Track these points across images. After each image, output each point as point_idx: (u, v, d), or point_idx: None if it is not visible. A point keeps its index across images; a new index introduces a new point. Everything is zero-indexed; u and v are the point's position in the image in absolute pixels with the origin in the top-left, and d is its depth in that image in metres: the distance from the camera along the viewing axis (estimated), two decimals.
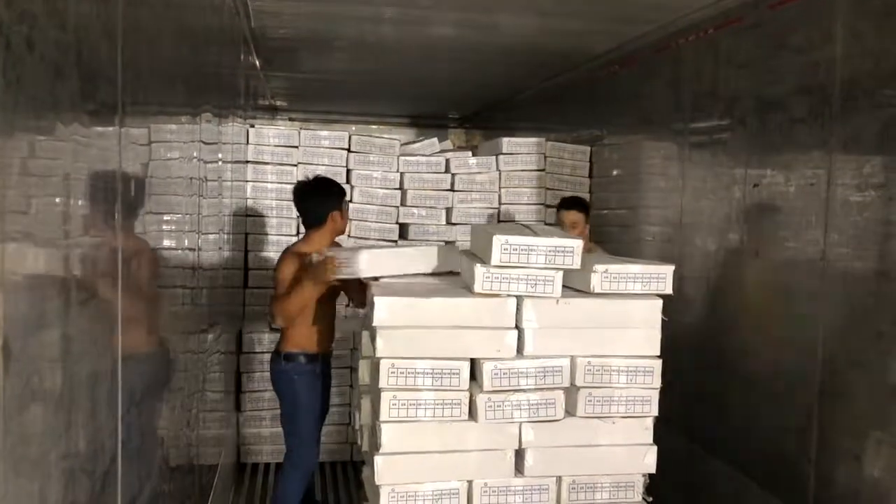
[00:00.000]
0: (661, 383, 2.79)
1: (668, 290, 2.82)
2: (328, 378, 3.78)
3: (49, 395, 1.16)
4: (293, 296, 3.38)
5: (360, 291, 3.39)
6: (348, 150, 5.04)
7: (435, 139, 5.47)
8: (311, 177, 3.85)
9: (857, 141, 2.85)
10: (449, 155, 5.19)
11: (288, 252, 3.62)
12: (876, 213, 2.74)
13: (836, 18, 2.94)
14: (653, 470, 2.82)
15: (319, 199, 3.60)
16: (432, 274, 3.13)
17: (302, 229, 4.74)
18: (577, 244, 2.70)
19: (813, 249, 3.06)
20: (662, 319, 2.80)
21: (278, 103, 8.44)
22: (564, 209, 4.28)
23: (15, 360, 0.97)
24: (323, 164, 4.98)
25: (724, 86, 3.75)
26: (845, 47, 2.89)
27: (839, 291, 2.91)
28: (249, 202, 4.88)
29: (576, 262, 2.69)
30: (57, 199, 1.20)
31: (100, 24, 1.36)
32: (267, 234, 4.91)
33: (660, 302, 2.80)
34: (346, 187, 4.95)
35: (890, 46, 2.68)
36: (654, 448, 2.80)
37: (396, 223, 5.05)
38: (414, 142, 5.79)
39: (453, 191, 5.06)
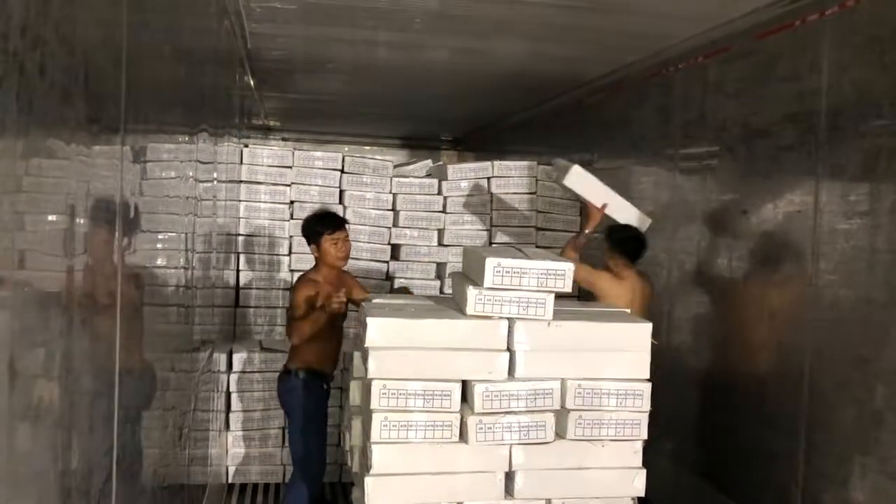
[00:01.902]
0: (651, 407, 2.81)
1: None
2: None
3: (48, 412, 1.17)
4: (309, 320, 3.62)
5: None
6: (341, 170, 5.07)
7: (429, 161, 5.51)
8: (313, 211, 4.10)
9: (843, 169, 2.90)
10: (446, 176, 5.22)
11: (304, 279, 3.82)
12: (862, 241, 2.79)
13: (822, 49, 3.00)
14: (642, 493, 2.84)
15: (305, 235, 3.88)
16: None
17: (295, 249, 4.82)
18: (569, 267, 2.73)
19: (800, 276, 3.10)
20: (652, 343, 2.83)
21: (272, 123, 8.49)
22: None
23: (19, 378, 0.99)
24: (316, 185, 5.00)
25: (713, 113, 3.81)
26: (831, 77, 2.96)
27: (826, 317, 2.95)
28: (242, 221, 4.89)
29: (567, 286, 2.72)
30: (61, 218, 1.22)
31: (105, 49, 1.39)
32: (259, 254, 4.92)
33: (649, 325, 2.83)
34: (339, 208, 5.01)
35: (873, 77, 2.74)
36: (644, 471, 2.81)
37: (388, 244, 5.07)
38: (408, 163, 5.82)
39: (445, 212, 5.09)
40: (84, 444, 1.35)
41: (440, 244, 5.08)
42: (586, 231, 3.98)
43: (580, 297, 5.01)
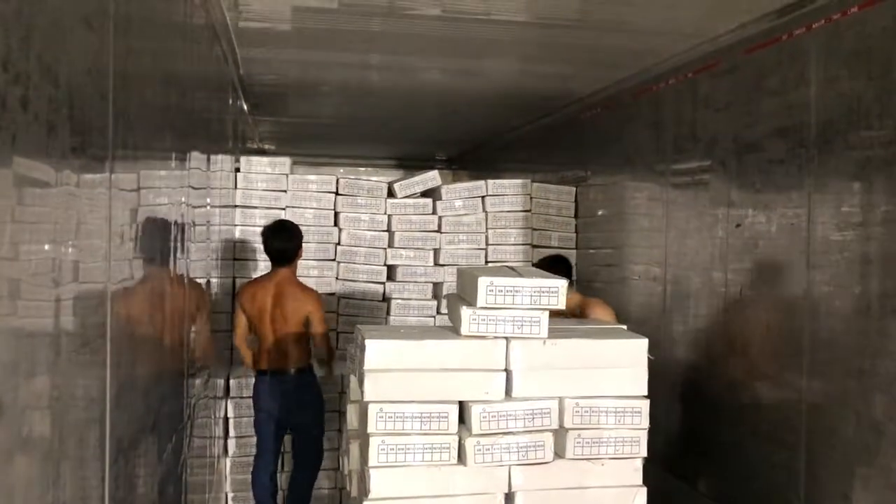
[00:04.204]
0: (649, 423, 2.80)
1: None
2: None
3: (38, 444, 1.16)
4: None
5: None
6: (336, 192, 5.08)
7: (436, 172, 5.43)
8: (274, 221, 4.46)
9: (834, 181, 2.91)
10: (442, 195, 5.22)
11: (304, 290, 4.26)
12: (856, 251, 2.79)
13: (810, 62, 3.02)
14: None
15: (292, 239, 4.23)
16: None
17: None
18: (562, 284, 2.73)
19: (796, 288, 3.10)
20: (649, 359, 2.82)
21: (267, 147, 8.50)
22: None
23: (6, 411, 0.98)
24: (311, 208, 5.01)
25: (704, 128, 3.83)
26: (819, 90, 2.97)
27: (822, 329, 2.95)
28: (238, 246, 4.89)
29: (560, 303, 2.72)
30: (48, 248, 1.22)
31: (91, 78, 1.40)
32: (254, 278, 4.91)
33: (645, 341, 2.82)
34: (334, 230, 5.03)
35: (860, 90, 2.76)
36: (644, 489, 2.79)
37: (384, 265, 5.07)
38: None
39: (440, 232, 5.10)
40: (75, 475, 1.34)
41: (436, 264, 5.08)
42: None
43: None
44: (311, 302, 4.17)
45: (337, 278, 5.02)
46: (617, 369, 2.79)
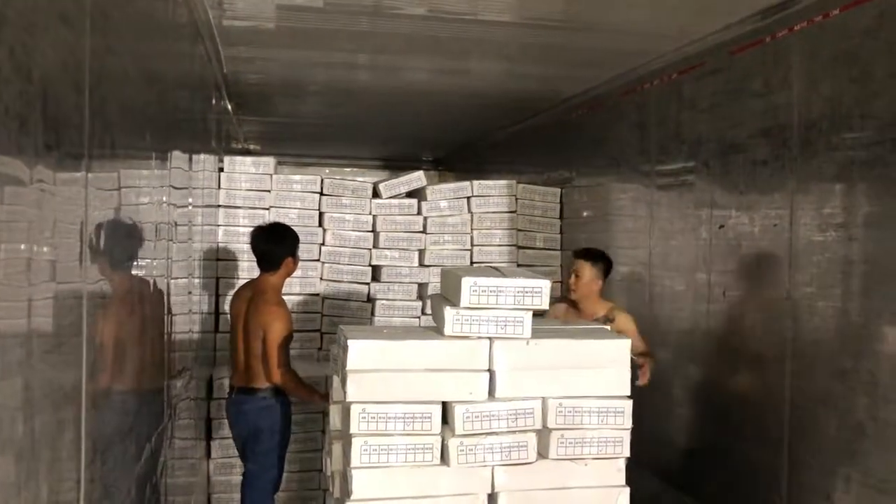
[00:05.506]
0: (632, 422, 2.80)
1: None
2: None
3: (11, 445, 1.14)
4: (299, 388, 3.78)
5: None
6: (321, 193, 5.06)
7: (421, 172, 5.42)
8: (267, 222, 4.12)
9: (816, 182, 2.93)
10: (426, 196, 5.21)
11: (279, 304, 3.79)
12: (837, 252, 2.80)
13: (792, 64, 3.04)
14: None
15: (276, 245, 3.82)
16: None
17: None
18: (545, 284, 2.72)
19: (778, 289, 3.11)
20: (632, 360, 2.82)
21: (252, 146, 8.46)
22: (574, 257, 3.99)
23: None
24: (295, 208, 4.98)
25: (688, 129, 3.84)
26: (801, 92, 2.99)
27: (804, 329, 2.96)
28: (221, 246, 4.86)
29: (544, 303, 2.71)
30: (22, 246, 1.20)
31: (67, 75, 1.38)
32: (238, 279, 4.87)
33: (628, 342, 2.82)
34: (319, 230, 5.00)
35: (842, 91, 2.77)
36: (627, 490, 2.79)
37: (369, 265, 5.05)
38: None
39: (425, 233, 5.08)
40: (50, 475, 1.32)
41: (421, 265, 5.07)
42: None
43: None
44: (268, 317, 3.68)
45: (321, 279, 4.99)
46: (600, 369, 2.78)
